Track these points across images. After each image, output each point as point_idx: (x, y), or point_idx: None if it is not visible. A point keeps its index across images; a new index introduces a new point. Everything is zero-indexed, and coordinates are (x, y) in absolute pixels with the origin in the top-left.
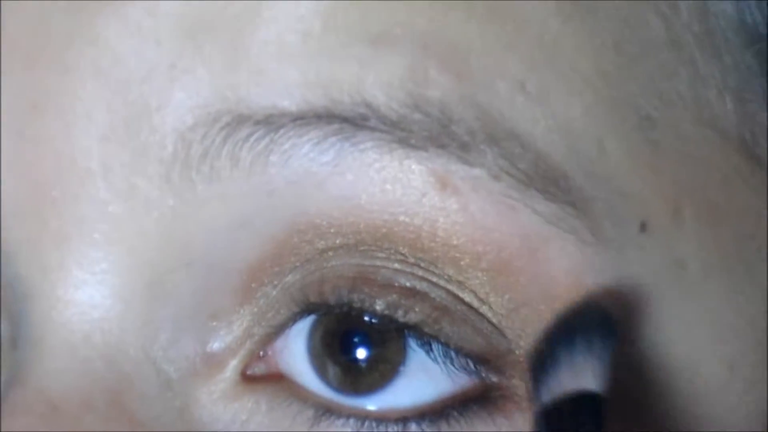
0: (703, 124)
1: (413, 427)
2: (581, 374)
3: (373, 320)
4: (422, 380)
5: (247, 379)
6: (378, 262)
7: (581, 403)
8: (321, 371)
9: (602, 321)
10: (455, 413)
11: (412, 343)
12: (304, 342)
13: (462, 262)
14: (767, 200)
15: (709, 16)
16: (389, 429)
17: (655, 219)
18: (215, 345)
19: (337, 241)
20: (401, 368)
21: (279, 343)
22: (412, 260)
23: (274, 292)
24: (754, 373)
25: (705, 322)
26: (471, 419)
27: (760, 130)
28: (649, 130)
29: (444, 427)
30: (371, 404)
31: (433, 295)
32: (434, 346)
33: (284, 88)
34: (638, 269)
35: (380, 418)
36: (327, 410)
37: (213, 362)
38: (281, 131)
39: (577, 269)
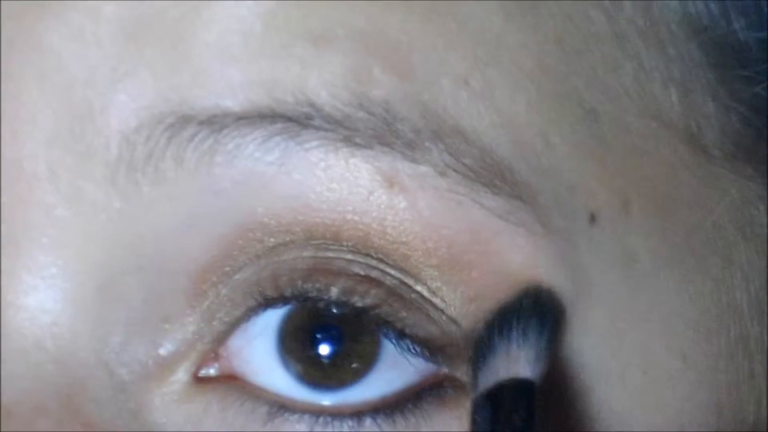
0: (649, 117)
1: (368, 421)
2: (516, 362)
3: (332, 308)
4: (381, 374)
5: (200, 380)
6: (331, 254)
7: (516, 389)
8: (286, 367)
9: (539, 312)
10: (410, 406)
11: (376, 332)
12: (270, 339)
13: (412, 259)
14: (715, 190)
15: (653, 9)
16: (344, 423)
17: (603, 211)
18: (167, 347)
19: (287, 239)
20: (373, 363)
21: (236, 343)
22: (364, 252)
23: (225, 291)
24: (707, 363)
25: (656, 313)
26: (425, 411)
27: (706, 121)
28: (593, 123)
29: (399, 420)
30: (328, 399)
31: (387, 282)
32: (390, 332)
33: (227, 89)
34: (589, 261)
35: (335, 413)
36: (281, 407)
37: (165, 364)
38: (225, 131)
39: (530, 261)
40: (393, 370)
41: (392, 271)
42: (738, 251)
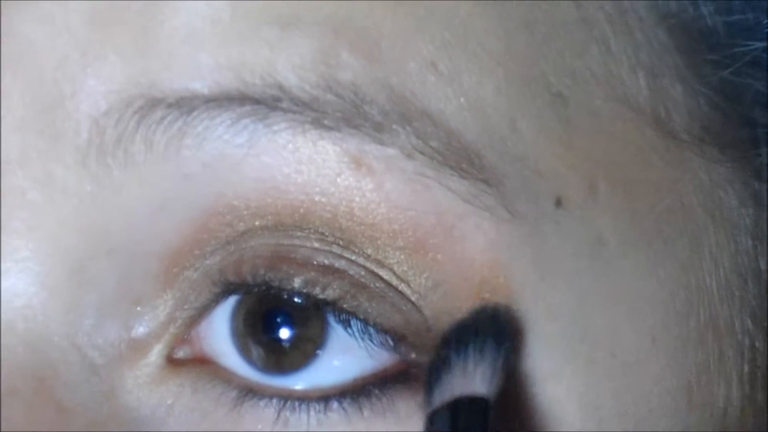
0: (616, 101)
1: (334, 405)
2: (472, 380)
3: (294, 298)
4: (345, 359)
5: (173, 362)
6: (297, 241)
7: (471, 407)
8: (244, 352)
9: (496, 330)
10: (376, 391)
11: (332, 320)
12: (227, 323)
13: (379, 241)
14: (684, 174)
15: None
16: (311, 407)
17: (570, 194)
18: (140, 330)
19: (257, 223)
20: (323, 347)
21: (203, 326)
22: (330, 239)
23: (196, 275)
24: (676, 345)
25: (625, 296)
26: (391, 396)
27: (674, 105)
28: (561, 107)
29: (365, 404)
30: (294, 384)
31: (351, 272)
32: (353, 322)
33: (196, 72)
34: (555, 244)
35: (302, 397)
36: (250, 391)
37: (138, 347)
38: (194, 113)
39: (494, 245)
40: (365, 354)
41: (359, 260)
42: (707, 234)
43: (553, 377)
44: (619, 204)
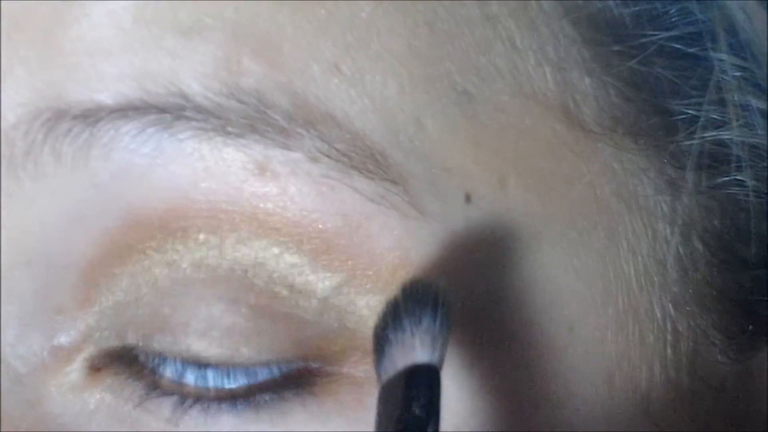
0: (523, 96)
1: (229, 404)
2: (412, 350)
3: None
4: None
5: (95, 369)
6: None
7: (416, 376)
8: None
9: (430, 297)
10: (267, 398)
11: None
12: None
13: (285, 245)
14: (596, 165)
15: None
16: (206, 406)
17: (479, 190)
18: (62, 339)
19: (167, 237)
20: None
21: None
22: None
23: (113, 288)
24: (594, 333)
25: (539, 287)
26: (288, 399)
27: (582, 97)
28: (467, 104)
29: (259, 408)
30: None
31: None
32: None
33: (100, 82)
34: (466, 240)
35: (199, 396)
36: (155, 387)
37: (61, 356)
38: (99, 124)
39: (402, 243)
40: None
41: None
42: (623, 223)
43: (467, 369)
44: (531, 198)
